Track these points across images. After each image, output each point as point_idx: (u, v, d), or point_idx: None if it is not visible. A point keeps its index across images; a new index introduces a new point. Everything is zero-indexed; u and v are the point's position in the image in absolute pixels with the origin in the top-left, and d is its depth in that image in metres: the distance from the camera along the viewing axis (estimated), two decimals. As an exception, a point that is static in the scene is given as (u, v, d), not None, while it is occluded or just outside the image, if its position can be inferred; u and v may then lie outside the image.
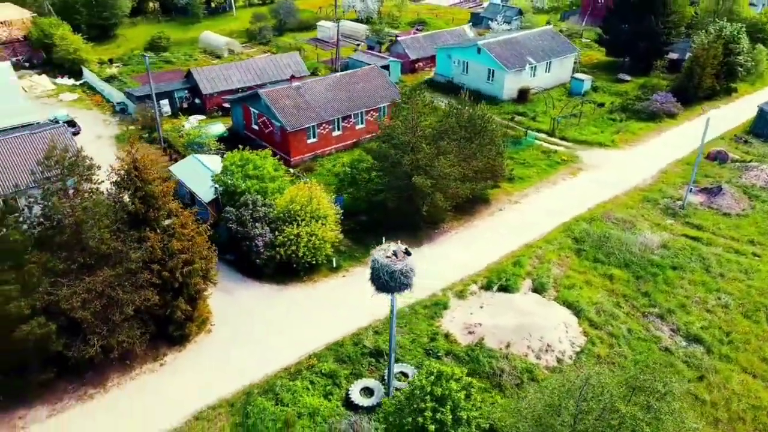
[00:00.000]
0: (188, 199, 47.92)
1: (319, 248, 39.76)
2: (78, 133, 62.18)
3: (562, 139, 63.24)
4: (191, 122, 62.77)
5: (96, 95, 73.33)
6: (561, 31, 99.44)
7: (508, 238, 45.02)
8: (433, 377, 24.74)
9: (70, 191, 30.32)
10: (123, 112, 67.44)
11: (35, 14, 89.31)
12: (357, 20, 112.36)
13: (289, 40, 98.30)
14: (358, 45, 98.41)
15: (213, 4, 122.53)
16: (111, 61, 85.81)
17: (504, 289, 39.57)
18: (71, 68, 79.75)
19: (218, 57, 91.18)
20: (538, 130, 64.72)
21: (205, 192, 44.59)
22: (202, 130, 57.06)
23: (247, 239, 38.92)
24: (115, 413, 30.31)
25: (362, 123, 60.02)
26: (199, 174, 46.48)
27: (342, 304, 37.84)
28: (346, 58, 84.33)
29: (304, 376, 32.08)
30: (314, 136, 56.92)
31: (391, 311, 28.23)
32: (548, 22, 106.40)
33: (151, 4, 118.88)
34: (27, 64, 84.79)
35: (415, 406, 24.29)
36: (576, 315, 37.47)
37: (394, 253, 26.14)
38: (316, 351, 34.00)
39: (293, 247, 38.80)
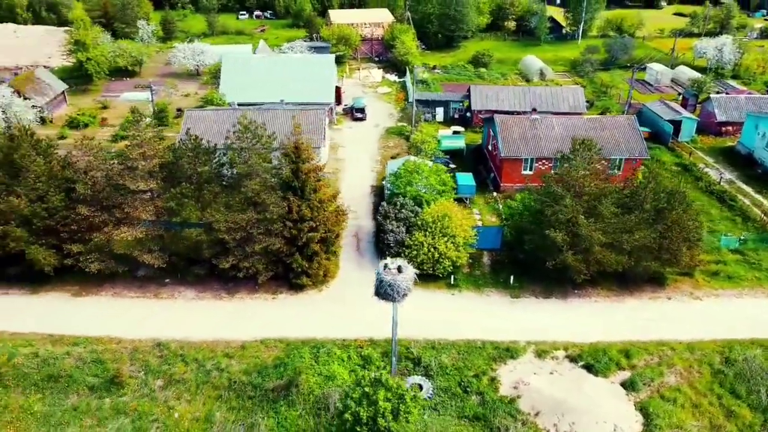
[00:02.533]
0: (391, 189, 56.17)
1: (440, 262, 43.55)
2: (364, 120, 76.57)
3: (840, 254, 50.50)
4: (445, 131, 70.58)
5: (402, 93, 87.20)
6: None
7: (644, 326, 40.75)
8: (370, 383, 27.94)
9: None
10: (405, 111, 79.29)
11: (396, 20, 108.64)
12: (705, 69, 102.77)
13: (607, 77, 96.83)
14: (679, 95, 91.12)
15: (564, 31, 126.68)
16: (434, 67, 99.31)
17: (589, 368, 37.16)
18: (400, 67, 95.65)
19: (527, 80, 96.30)
20: (814, 235, 52.88)
21: (393, 187, 52.14)
22: (442, 140, 64.46)
23: (383, 232, 45.31)
24: (228, 314, 41.13)
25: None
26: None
27: (428, 314, 41.24)
28: (640, 104, 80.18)
29: (347, 350, 37.53)
30: (530, 169, 58.62)
31: (393, 319, 31.57)
32: None
33: (507, 23, 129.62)
34: (377, 59, 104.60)
35: (347, 399, 28.05)
36: (645, 425, 33.36)
37: (385, 266, 29.46)
38: (375, 338, 38.84)
39: (415, 252, 43.61)
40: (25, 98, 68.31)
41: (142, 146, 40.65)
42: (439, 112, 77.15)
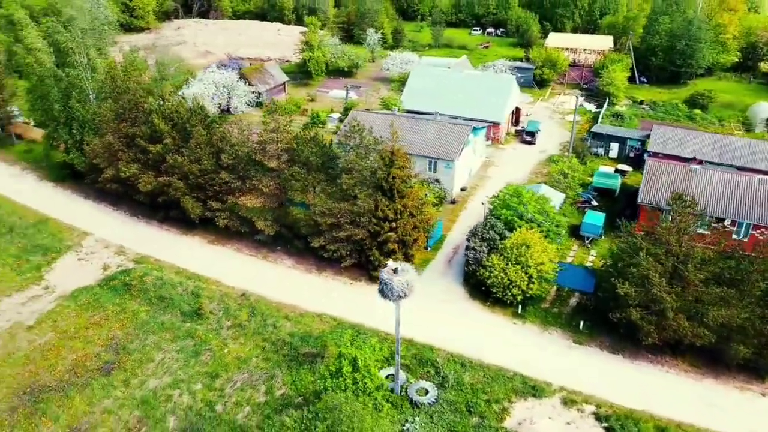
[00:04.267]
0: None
1: (509, 289, 43.81)
2: (533, 143, 76.56)
3: None
4: (606, 168, 67.33)
5: (588, 123, 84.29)
6: None
7: (706, 412, 36.19)
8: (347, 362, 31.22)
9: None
10: (583, 141, 76.81)
11: (615, 49, 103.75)
12: None
13: None
14: None
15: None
16: (641, 102, 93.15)
17: (610, 431, 34.82)
18: (601, 97, 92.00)
19: (748, 130, 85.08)
20: None
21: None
22: (595, 176, 62.38)
23: (466, 248, 46.97)
24: (309, 286, 47.20)
25: (744, 235, 51.57)
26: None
27: (478, 334, 42.13)
28: None
29: (383, 342, 40.66)
30: (672, 222, 53.73)
31: (395, 317, 34.14)
32: None
33: (762, 65, 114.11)
34: (584, 86, 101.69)
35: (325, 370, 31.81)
36: (636, 508, 30.72)
37: (384, 265, 32.18)
38: (415, 339, 41.29)
39: (488, 274, 44.56)
40: (250, 84, 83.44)
41: (275, 132, 48.73)
42: (614, 148, 73.36)
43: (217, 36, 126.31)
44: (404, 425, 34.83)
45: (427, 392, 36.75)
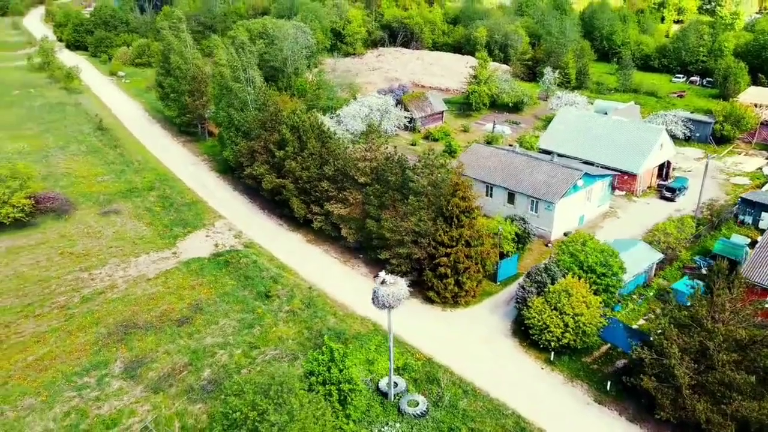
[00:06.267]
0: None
1: (544, 332, 43.64)
2: (672, 201, 71.32)
3: None
4: (739, 238, 60.45)
5: (755, 187, 75.29)
6: None
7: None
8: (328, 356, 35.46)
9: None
10: (733, 206, 69.20)
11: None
12: None
13: None
14: None
15: None
16: (839, 173, 79.85)
17: (580, 493, 33.72)
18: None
19: None
20: None
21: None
22: (718, 242, 57.22)
23: (519, 287, 47.64)
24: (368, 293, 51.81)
25: None
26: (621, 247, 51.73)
27: (500, 369, 42.90)
28: None
29: (404, 355, 43.64)
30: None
31: (388, 327, 37.30)
32: None
33: None
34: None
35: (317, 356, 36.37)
36: None
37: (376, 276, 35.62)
38: (434, 358, 43.57)
39: (528, 314, 44.87)
40: (406, 110, 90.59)
41: (369, 151, 54.55)
42: (766, 218, 65.11)
43: (408, 64, 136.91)
44: (383, 428, 37.70)
45: (417, 405, 39.02)
